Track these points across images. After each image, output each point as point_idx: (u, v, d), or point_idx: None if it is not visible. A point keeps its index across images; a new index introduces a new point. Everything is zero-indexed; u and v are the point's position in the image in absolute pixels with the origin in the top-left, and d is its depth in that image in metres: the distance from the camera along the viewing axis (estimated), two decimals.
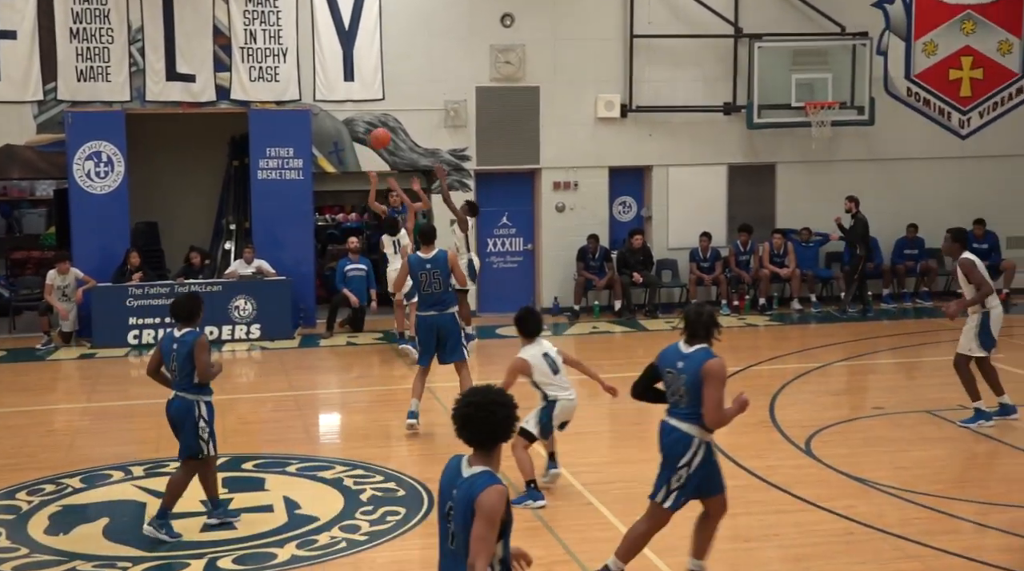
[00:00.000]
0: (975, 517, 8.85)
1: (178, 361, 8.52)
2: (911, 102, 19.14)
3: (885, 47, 18.93)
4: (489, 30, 17.80)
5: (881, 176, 18.86)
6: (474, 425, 4.78)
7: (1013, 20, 19.17)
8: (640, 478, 10.01)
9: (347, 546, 8.48)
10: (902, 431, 11.48)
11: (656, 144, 18.49)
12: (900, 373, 14.73)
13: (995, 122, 19.36)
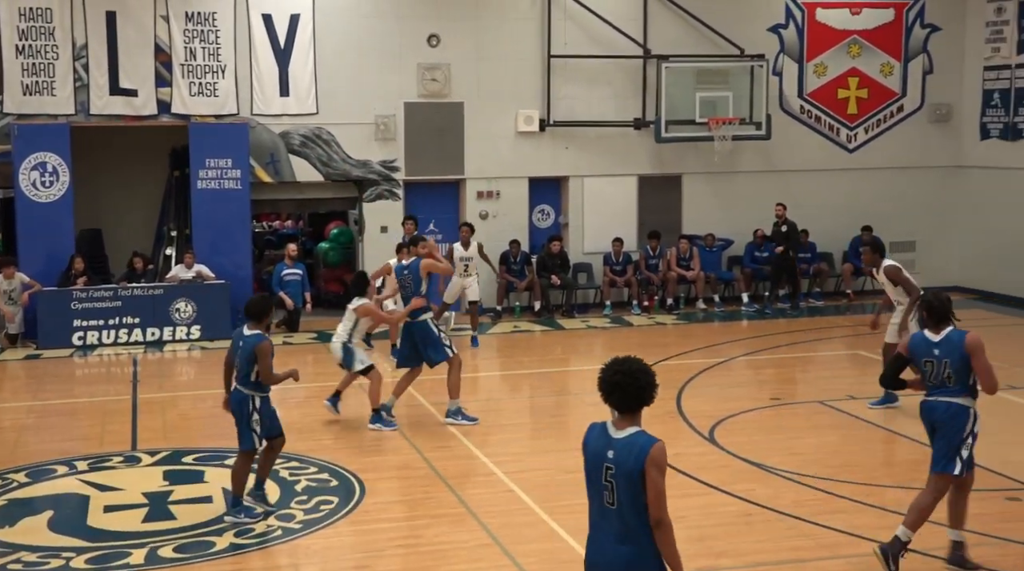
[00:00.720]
0: (860, 497, 9.01)
1: (240, 359, 8.51)
2: (804, 118, 19.43)
3: (780, 68, 19.20)
4: (417, 49, 17.74)
5: (777, 186, 19.12)
6: (623, 391, 4.91)
7: (894, 45, 19.55)
8: (558, 467, 10.09)
9: (283, 534, 8.39)
10: (797, 420, 11.66)
11: (572, 156, 18.56)
12: (795, 366, 14.95)
13: (879, 137, 19.72)
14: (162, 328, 16.04)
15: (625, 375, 4.94)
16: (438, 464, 10.07)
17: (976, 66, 19.39)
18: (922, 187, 19.74)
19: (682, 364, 14.28)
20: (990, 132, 19.16)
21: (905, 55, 19.59)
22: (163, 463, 10.19)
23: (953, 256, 19.87)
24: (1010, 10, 18.54)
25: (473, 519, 8.66)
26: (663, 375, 12.60)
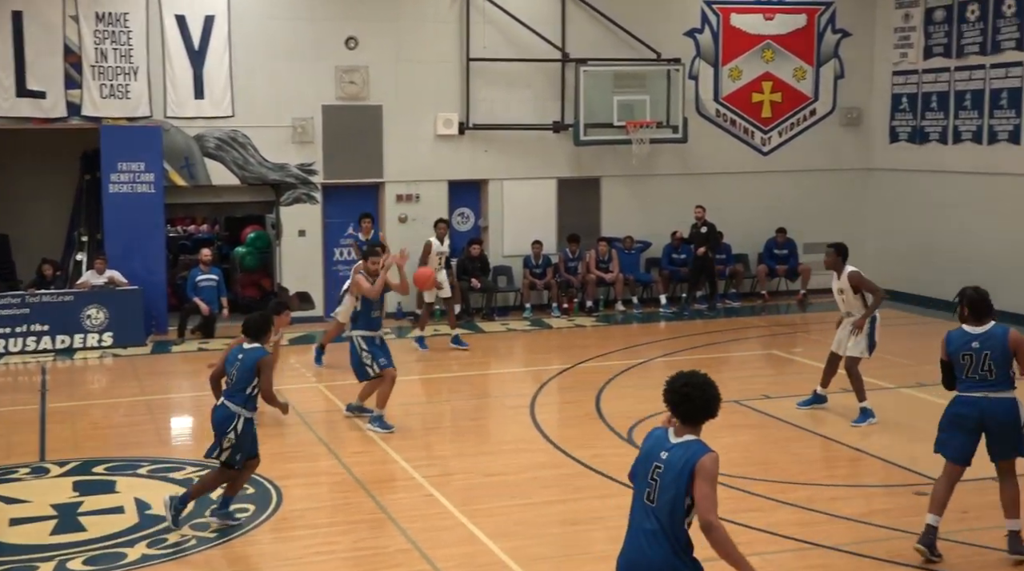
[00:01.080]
0: (776, 495, 9.15)
1: (238, 372, 8.39)
2: (720, 122, 19.69)
3: (696, 72, 19.43)
4: (334, 52, 17.60)
5: (694, 189, 19.33)
6: (691, 402, 5.19)
7: (806, 50, 19.91)
8: (478, 470, 10.09)
9: (197, 543, 8.25)
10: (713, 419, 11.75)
11: (491, 159, 18.57)
12: (712, 367, 15.02)
13: (792, 140, 20.05)
14: (72, 335, 15.66)
15: (694, 387, 5.22)
16: (357, 470, 10.00)
17: (885, 71, 19.83)
18: (834, 189, 20.12)
19: (601, 366, 14.36)
20: (899, 135, 19.61)
21: (817, 60, 19.96)
22: (73, 474, 9.96)
23: (865, 257, 20.15)
24: (916, 16, 19.00)
25: (392, 524, 8.61)
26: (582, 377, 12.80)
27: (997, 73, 17.37)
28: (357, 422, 11.57)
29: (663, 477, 5.14)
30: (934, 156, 18.75)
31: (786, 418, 11.64)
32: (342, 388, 12.91)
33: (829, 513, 8.73)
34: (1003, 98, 17.28)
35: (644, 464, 5.26)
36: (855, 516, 8.61)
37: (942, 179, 18.52)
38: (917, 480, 9.47)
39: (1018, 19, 16.91)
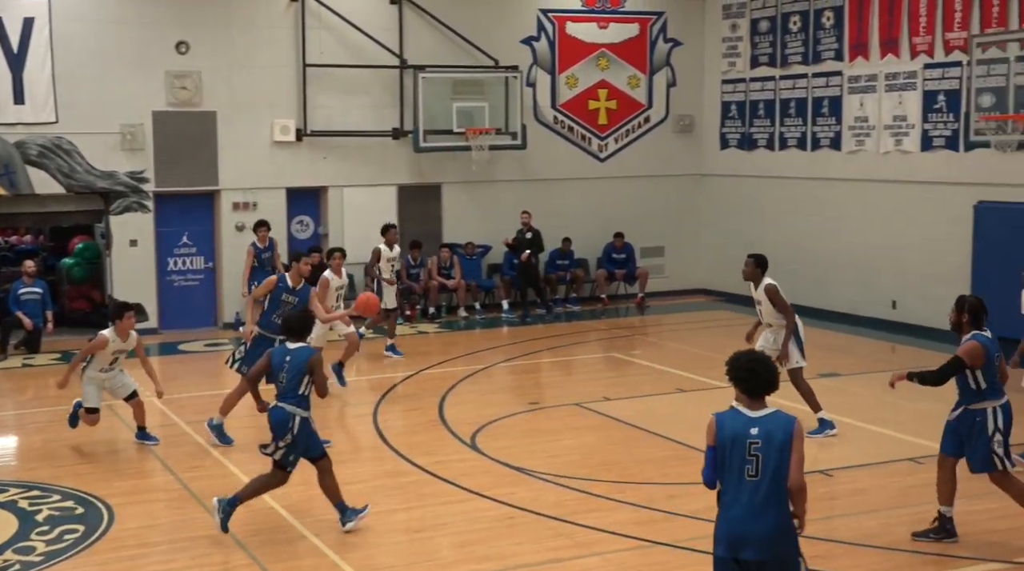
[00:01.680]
0: (615, 495, 9.32)
1: (288, 373, 8.32)
2: (557, 129, 19.98)
3: (533, 80, 19.68)
4: (164, 56, 17.13)
5: (534, 195, 19.57)
6: (758, 376, 5.61)
7: (640, 59, 20.40)
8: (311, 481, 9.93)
9: (21, 568, 7.88)
10: (554, 422, 11.94)
11: (330, 166, 18.39)
12: (553, 371, 15.32)
13: (628, 147, 20.51)
14: None
15: (759, 363, 5.67)
16: (193, 485, 9.74)
17: (715, 80, 20.49)
18: (669, 195, 20.67)
19: (444, 372, 14.38)
20: (729, 142, 20.28)
21: (650, 68, 20.47)
22: None
23: (699, 260, 20.89)
24: (743, 27, 19.70)
25: (231, 540, 8.41)
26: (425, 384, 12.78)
27: (818, 82, 18.16)
28: (195, 436, 11.27)
29: (765, 450, 5.52)
30: (762, 162, 19.47)
31: (625, 419, 11.87)
32: (177, 402, 12.57)
33: (668, 511, 8.94)
34: (824, 106, 18.07)
35: (735, 445, 5.56)
36: (692, 513, 8.83)
37: (770, 184, 19.24)
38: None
39: (836, 31, 17.71)
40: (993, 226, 15.16)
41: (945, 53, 15.86)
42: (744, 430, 5.57)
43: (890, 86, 16.82)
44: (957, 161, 15.78)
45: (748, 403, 5.66)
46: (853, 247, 17.48)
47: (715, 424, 5.69)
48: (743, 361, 5.68)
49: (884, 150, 17.01)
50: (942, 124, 16.01)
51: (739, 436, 5.57)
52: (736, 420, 5.63)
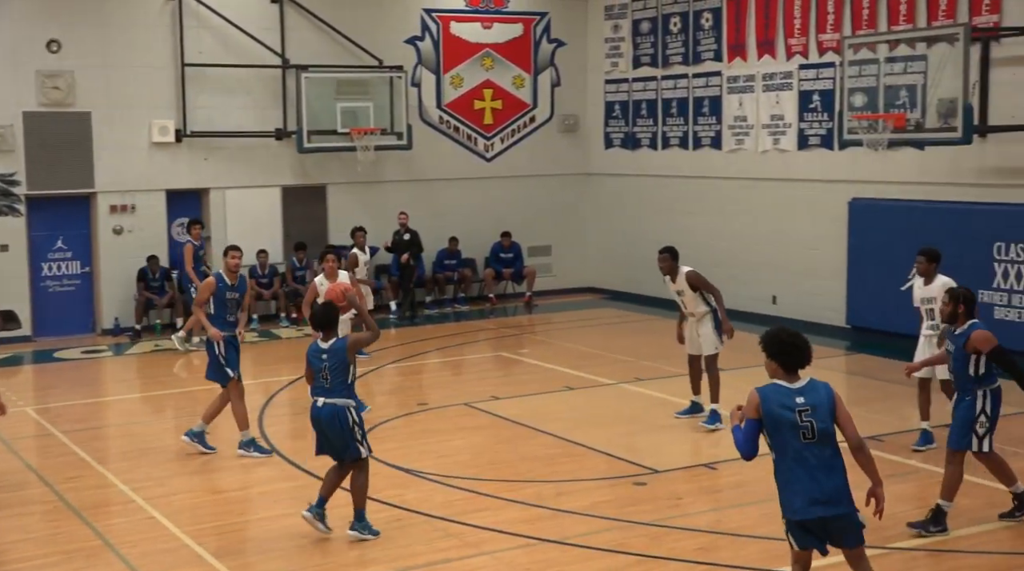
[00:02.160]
0: (504, 494, 9.34)
1: (329, 369, 8.31)
2: (443, 129, 19.96)
3: (418, 80, 19.61)
4: (34, 55, 16.58)
5: (421, 195, 19.52)
6: (800, 351, 6.02)
7: (524, 59, 20.51)
8: (204, 488, 9.76)
9: None
10: (443, 423, 11.91)
11: (212, 167, 18.05)
12: (442, 371, 15.29)
13: (514, 146, 20.60)
14: None
15: (798, 337, 6.09)
16: (70, 496, 9.45)
17: (598, 80, 20.71)
18: (555, 194, 20.82)
19: None
20: (613, 141, 20.52)
21: (535, 68, 20.59)
22: None
23: (586, 259, 21.10)
24: (625, 28, 19.95)
25: (111, 551, 8.19)
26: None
27: (699, 82, 18.50)
28: (72, 447, 10.94)
29: (816, 415, 5.93)
30: (646, 161, 19.75)
31: (514, 418, 11.90)
32: (53, 411, 12.19)
33: (556, 508, 8.99)
34: (705, 106, 18.41)
35: (783, 415, 5.93)
36: (580, 509, 8.91)
37: (654, 182, 19.53)
38: (637, 471, 9.92)
39: (715, 32, 18.07)
40: (867, 222, 15.64)
41: (819, 54, 16.31)
42: (790, 400, 5.97)
43: (767, 86, 17.23)
44: (832, 159, 16.23)
45: (786, 376, 6.06)
46: (734, 244, 17.85)
47: (759, 397, 6.02)
48: (785, 337, 6.10)
49: (763, 149, 17.41)
50: (817, 123, 16.45)
51: (787, 407, 5.95)
52: (779, 392, 6.01)
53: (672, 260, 11.45)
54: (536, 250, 20.59)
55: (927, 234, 14.48)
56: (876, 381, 13.52)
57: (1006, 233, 13.68)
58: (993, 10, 13.90)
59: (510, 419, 11.88)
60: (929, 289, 10.47)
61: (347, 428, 8.27)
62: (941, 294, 10.04)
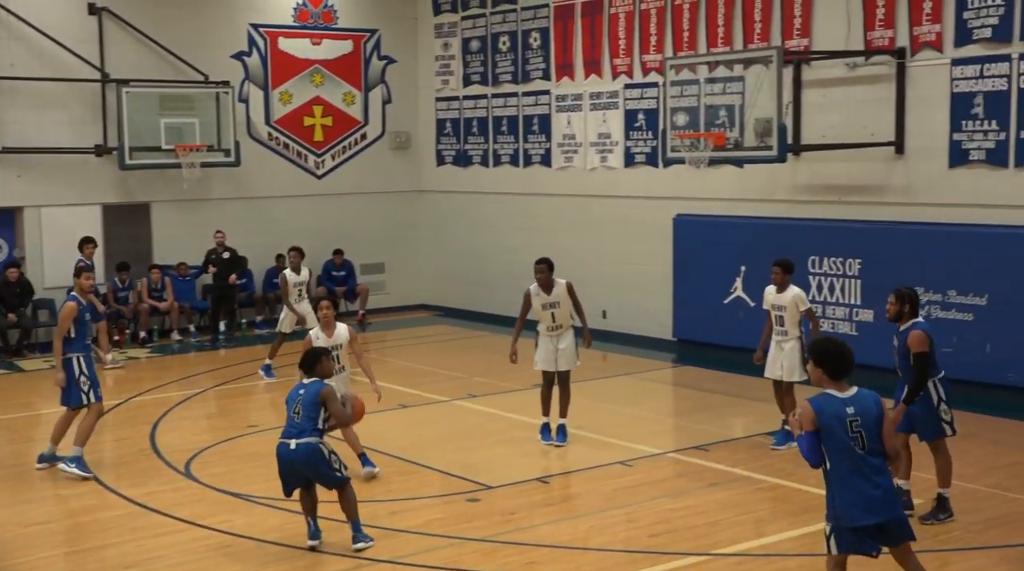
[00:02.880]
0: (337, 515, 9.20)
1: (303, 407, 8.51)
2: (272, 145, 19.65)
3: (246, 95, 19.26)
4: None
5: (250, 212, 19.16)
6: (846, 360, 6.31)
7: (355, 76, 20.40)
8: (16, 521, 9.29)
9: None
10: (274, 445, 11.64)
11: (26, 185, 17.30)
12: (274, 392, 14.95)
13: (345, 163, 20.45)
14: None
15: (845, 347, 6.36)
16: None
17: (429, 97, 20.77)
18: (388, 211, 20.74)
19: (157, 399, 13.79)
20: (445, 159, 20.60)
21: (365, 85, 20.50)
22: None
23: (419, 275, 21.09)
24: (455, 46, 20.09)
25: None
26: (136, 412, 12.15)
27: (528, 101, 18.77)
28: None
29: (866, 425, 6.23)
30: (477, 178, 19.90)
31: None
32: None
33: (389, 528, 8.93)
34: (535, 124, 18.68)
35: (838, 425, 6.22)
36: (414, 528, 8.88)
37: (486, 199, 19.69)
38: (471, 488, 9.94)
39: (543, 51, 18.37)
40: (690, 238, 16.14)
41: (643, 74, 16.77)
42: (842, 410, 6.25)
43: (594, 105, 17.61)
44: (657, 176, 16.70)
45: (835, 385, 6.33)
46: (564, 260, 17.90)
47: (813, 410, 6.28)
48: (833, 347, 6.39)
49: (591, 166, 17.77)
50: (642, 142, 16.91)
51: (840, 417, 6.24)
52: (832, 403, 6.28)
53: (548, 272, 11.34)
54: (369, 268, 20.46)
55: (747, 249, 15.09)
56: (701, 392, 13.94)
57: (819, 247, 14.34)
58: (803, 34, 14.58)
59: (343, 439, 11.71)
60: (781, 297, 10.90)
61: (324, 462, 8.37)
62: (791, 303, 10.72)
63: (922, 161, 13.53)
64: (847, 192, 14.32)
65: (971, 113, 12.99)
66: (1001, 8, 12.64)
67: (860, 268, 14.01)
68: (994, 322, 12.72)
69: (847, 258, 14.12)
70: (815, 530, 8.66)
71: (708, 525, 8.85)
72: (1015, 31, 12.55)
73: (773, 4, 14.88)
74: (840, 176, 14.38)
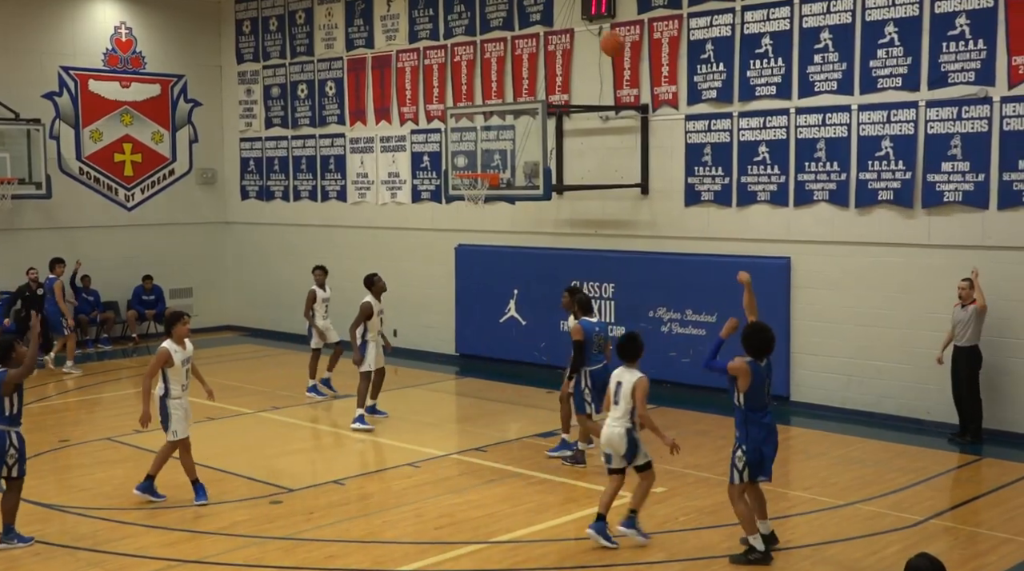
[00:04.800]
0: (146, 521, 8.85)
1: None
2: (84, 179, 18.69)
3: (57, 132, 18.27)
4: None
5: (62, 242, 18.11)
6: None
7: (163, 116, 19.65)
8: None
9: None
10: (85, 458, 11.10)
11: None
12: (82, 409, 14.21)
13: (155, 196, 19.64)
14: None
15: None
16: None
17: (234, 137, 20.26)
18: (195, 240, 20.08)
19: None
20: (249, 193, 20.12)
21: (173, 125, 19.80)
22: None
23: (226, 300, 20.48)
24: (257, 92, 19.69)
25: None
26: None
27: (325, 142, 18.60)
28: None
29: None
30: (280, 211, 19.53)
31: (156, 450, 11.22)
32: None
33: (195, 530, 8.63)
34: (331, 163, 18.53)
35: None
36: (219, 530, 8.61)
37: (288, 230, 19.35)
38: (274, 491, 9.73)
39: (338, 99, 18.26)
40: (470, 265, 16.38)
41: (427, 121, 16.93)
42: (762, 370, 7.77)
43: (385, 147, 17.63)
44: (441, 211, 16.86)
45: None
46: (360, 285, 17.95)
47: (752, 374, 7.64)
48: (768, 335, 7.68)
49: (382, 202, 17.76)
50: (428, 180, 17.04)
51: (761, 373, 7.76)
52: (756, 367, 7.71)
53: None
54: (177, 292, 19.71)
55: (519, 274, 15.46)
56: (481, 400, 14.12)
57: (580, 273, 14.83)
58: (564, 90, 15.10)
59: (153, 451, 11.19)
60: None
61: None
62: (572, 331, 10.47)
63: (663, 200, 14.22)
64: (602, 226, 14.89)
65: (702, 160, 13.77)
66: (723, 74, 13.49)
67: (614, 290, 14.57)
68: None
69: (603, 282, 14.66)
70: (576, 518, 8.94)
71: (486, 516, 8.97)
72: (735, 93, 13.42)
73: (538, 64, 15.34)
74: (596, 212, 14.93)
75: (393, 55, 17.28)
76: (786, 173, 13.04)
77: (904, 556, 5.75)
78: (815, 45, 12.70)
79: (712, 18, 13.55)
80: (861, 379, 12.50)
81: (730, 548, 7.95)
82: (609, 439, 8.09)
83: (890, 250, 12.25)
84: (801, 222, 12.97)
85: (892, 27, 12.08)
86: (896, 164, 12.12)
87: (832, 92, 12.58)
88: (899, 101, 12.06)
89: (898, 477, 9.98)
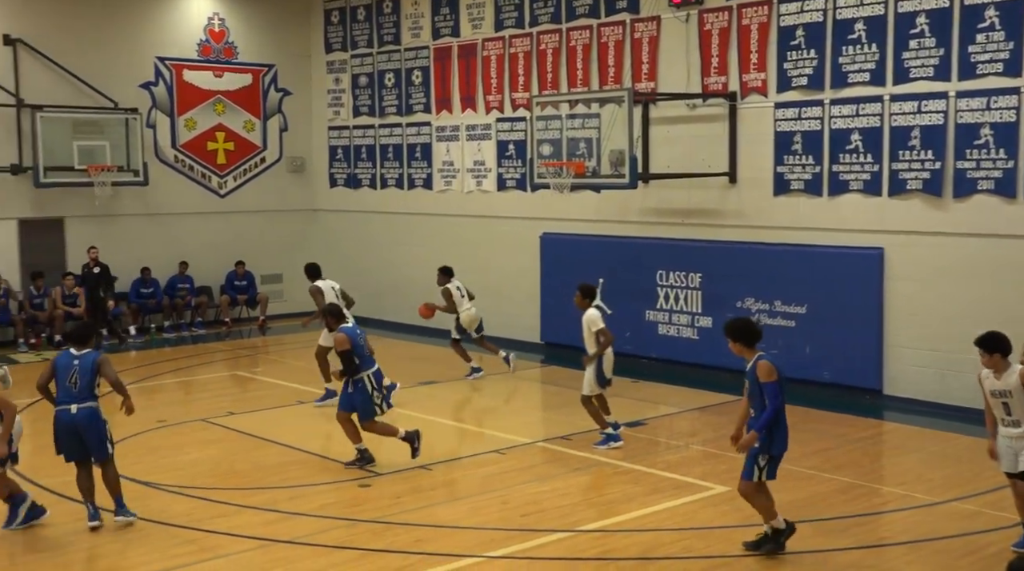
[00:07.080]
0: (240, 501, 9.05)
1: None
2: (179, 167, 19.16)
3: (153, 121, 18.75)
4: None
5: (159, 228, 18.65)
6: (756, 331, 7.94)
7: (254, 105, 20.03)
8: None
9: None
10: (181, 438, 11.40)
11: None
12: (180, 390, 14.60)
13: (246, 184, 20.05)
14: None
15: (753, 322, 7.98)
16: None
17: (322, 126, 20.54)
18: (285, 227, 20.42)
19: None
20: (337, 181, 20.39)
21: (264, 114, 20.16)
22: None
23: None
24: (345, 81, 19.92)
25: None
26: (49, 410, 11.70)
27: (411, 131, 18.73)
28: None
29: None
30: (366, 199, 19.75)
31: (249, 431, 11.55)
32: None
33: (289, 511, 8.80)
34: (417, 151, 18.65)
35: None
36: (310, 511, 8.77)
37: (374, 218, 19.56)
38: (362, 475, 9.86)
39: (424, 88, 18.37)
40: (555, 253, 16.34)
41: (513, 110, 16.92)
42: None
43: (470, 135, 17.68)
44: (526, 199, 16.85)
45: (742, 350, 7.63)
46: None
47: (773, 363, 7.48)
48: (741, 324, 7.69)
49: (467, 190, 17.83)
50: (513, 169, 17.04)
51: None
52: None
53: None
54: (268, 278, 20.10)
55: (604, 263, 15.34)
56: (566, 389, 14.06)
57: (666, 263, 14.69)
58: (651, 78, 14.94)
59: (245, 432, 11.52)
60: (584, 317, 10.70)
61: (102, 430, 8.24)
62: (585, 323, 10.59)
63: (751, 189, 13.99)
64: (689, 215, 14.71)
65: (791, 149, 13.50)
66: (814, 61, 13.19)
67: (700, 281, 14.40)
68: (812, 328, 13.23)
69: (689, 272, 14.50)
70: (659, 509, 8.87)
71: (572, 505, 8.97)
72: (826, 81, 13.11)
73: (624, 51, 15.20)
74: (682, 201, 14.76)
75: (479, 43, 17.30)
76: (879, 162, 12.71)
77: (1003, 559, 5.57)
78: (911, 30, 12.33)
79: (803, 3, 13.25)
80: (957, 373, 12.13)
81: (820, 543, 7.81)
82: None
83: (988, 241, 11.85)
84: (895, 212, 12.63)
85: (992, 11, 11.66)
86: (997, 153, 11.71)
87: (928, 79, 12.20)
88: (999, 87, 11.64)
89: (996, 475, 9.65)
